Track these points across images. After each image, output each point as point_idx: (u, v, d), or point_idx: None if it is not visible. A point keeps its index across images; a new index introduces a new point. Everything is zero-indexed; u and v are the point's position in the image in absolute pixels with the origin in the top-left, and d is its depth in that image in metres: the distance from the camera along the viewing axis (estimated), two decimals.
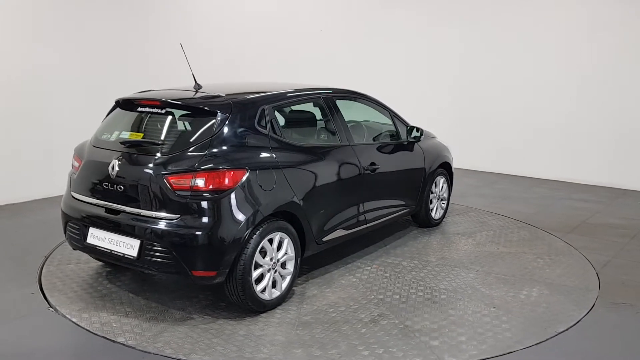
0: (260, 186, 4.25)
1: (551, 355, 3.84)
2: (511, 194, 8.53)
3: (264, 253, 4.31)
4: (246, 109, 4.45)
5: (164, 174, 4.08)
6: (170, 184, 4.05)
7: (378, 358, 3.77)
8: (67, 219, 4.66)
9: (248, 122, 4.41)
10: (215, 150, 4.16)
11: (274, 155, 4.46)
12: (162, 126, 4.45)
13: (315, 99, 5.25)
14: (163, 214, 4.07)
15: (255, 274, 4.25)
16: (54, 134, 7.61)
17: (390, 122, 6.05)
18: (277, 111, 4.78)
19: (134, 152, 4.31)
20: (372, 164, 5.43)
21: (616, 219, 7.29)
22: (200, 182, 4.02)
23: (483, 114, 10.34)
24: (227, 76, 7.47)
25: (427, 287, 4.97)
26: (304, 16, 10.75)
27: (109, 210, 4.33)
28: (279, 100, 4.81)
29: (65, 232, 4.75)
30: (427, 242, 6.22)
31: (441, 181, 6.70)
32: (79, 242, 4.55)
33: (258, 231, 4.20)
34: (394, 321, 4.31)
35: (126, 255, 4.20)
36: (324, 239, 4.95)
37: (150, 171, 4.14)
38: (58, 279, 4.97)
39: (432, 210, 6.58)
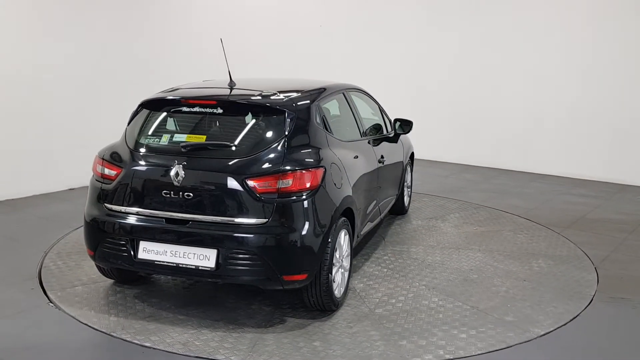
0: (334, 184, 4.21)
1: (550, 351, 3.86)
2: (510, 189, 8.53)
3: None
4: (306, 107, 4.35)
5: (246, 178, 3.85)
6: (254, 188, 3.84)
7: (479, 339, 3.98)
8: (101, 235, 4.16)
9: (310, 119, 4.32)
10: (291, 149, 4.03)
11: (334, 152, 4.42)
12: (227, 127, 4.18)
13: (342, 94, 5.26)
14: (248, 220, 3.85)
15: (334, 272, 4.20)
16: (54, 129, 7.64)
17: (372, 115, 6.22)
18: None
19: (201, 156, 3.99)
20: (382, 156, 5.59)
21: (615, 214, 7.28)
22: (287, 184, 3.87)
23: (481, 109, 10.27)
24: (226, 72, 7.22)
25: (454, 269, 5.27)
26: (304, 11, 10.70)
27: (170, 220, 3.97)
28: (324, 96, 4.75)
29: (94, 252, 4.23)
30: (413, 228, 6.52)
31: (409, 170, 7.05)
32: (125, 260, 4.09)
33: (334, 229, 4.16)
34: (458, 303, 4.54)
35: (201, 267, 3.90)
36: (361, 233, 5.02)
37: (229, 175, 3.88)
38: (81, 304, 4.39)
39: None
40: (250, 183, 3.84)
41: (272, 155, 3.95)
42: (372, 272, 5.18)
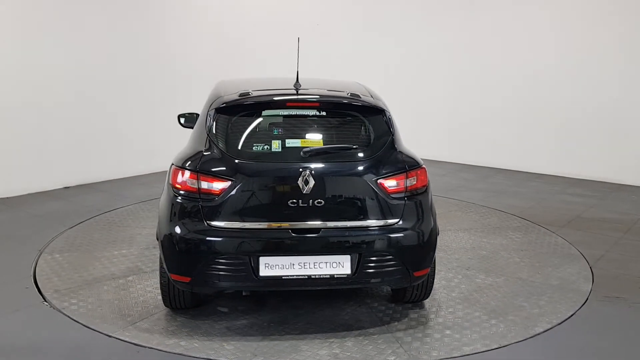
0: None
1: (546, 350, 3.86)
2: (506, 189, 8.59)
3: None
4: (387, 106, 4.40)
5: (377, 179, 3.82)
6: (385, 188, 3.84)
7: (556, 302, 4.55)
8: (205, 258, 3.71)
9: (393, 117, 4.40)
10: (400, 147, 4.09)
11: None
12: (334, 129, 4.02)
13: None
14: (382, 221, 3.83)
15: None
16: (49, 127, 7.73)
17: None
18: None
19: (326, 161, 3.81)
20: None
21: (610, 213, 7.29)
22: (413, 182, 3.94)
23: (478, 108, 10.35)
24: (225, 72, 6.78)
25: (462, 249, 5.78)
26: (301, 10, 10.65)
27: (296, 230, 3.75)
28: None
29: (192, 277, 3.75)
30: None
31: None
32: (245, 280, 3.73)
33: None
34: (503, 278, 5.07)
35: (336, 275, 3.77)
36: None
37: (361, 178, 3.81)
38: (173, 336, 3.86)
39: None
40: (382, 184, 3.83)
41: (391, 155, 3.97)
42: None
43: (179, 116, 5.67)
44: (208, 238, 3.71)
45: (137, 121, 8.78)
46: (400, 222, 3.86)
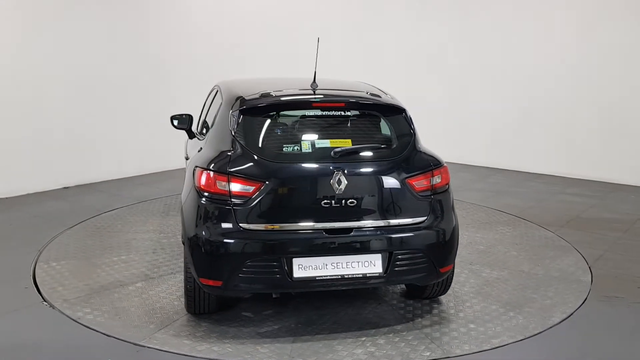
0: None
1: (545, 349, 3.86)
2: (505, 189, 8.60)
3: None
4: None
5: (406, 178, 3.88)
6: (414, 187, 3.90)
7: (562, 293, 4.72)
8: (238, 261, 3.66)
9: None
10: (420, 147, 4.16)
11: None
12: (360, 128, 4.04)
13: None
14: (411, 219, 3.89)
15: None
16: (48, 127, 7.78)
17: None
18: None
19: (356, 160, 3.83)
20: None
21: (610, 213, 7.28)
22: (438, 180, 4.02)
23: (477, 108, 10.34)
24: (222, 73, 6.82)
25: (460, 244, 5.69)
26: (300, 10, 10.67)
27: (329, 231, 3.75)
28: None
29: (224, 281, 3.70)
30: None
31: None
32: (279, 282, 3.70)
33: None
34: (507, 271, 5.23)
35: (368, 275, 3.79)
36: None
37: (391, 177, 3.85)
38: (214, 342, 3.79)
39: None
40: (411, 182, 3.89)
41: (415, 154, 4.04)
42: None
43: (172, 118, 5.58)
44: (240, 240, 3.66)
45: (135, 121, 8.83)
46: (428, 220, 3.93)
